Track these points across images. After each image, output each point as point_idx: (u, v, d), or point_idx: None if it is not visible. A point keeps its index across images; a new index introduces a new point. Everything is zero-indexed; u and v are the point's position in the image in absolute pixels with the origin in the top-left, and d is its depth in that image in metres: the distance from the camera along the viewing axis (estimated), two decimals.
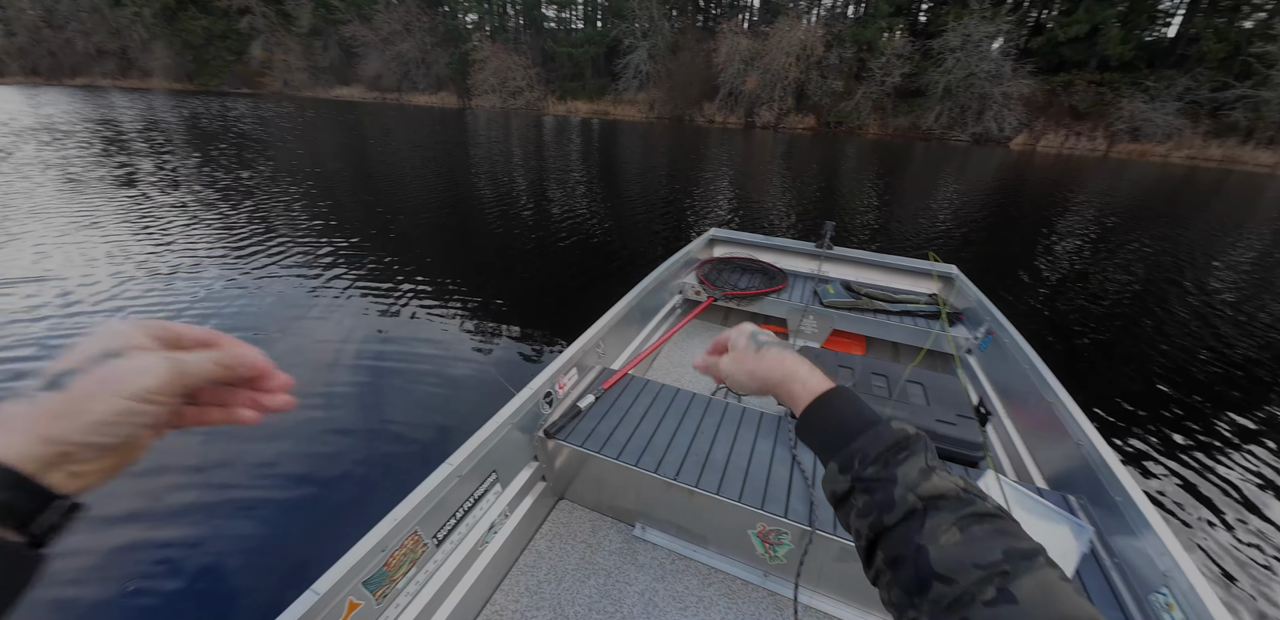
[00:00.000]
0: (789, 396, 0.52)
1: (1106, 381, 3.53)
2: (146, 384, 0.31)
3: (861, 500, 0.42)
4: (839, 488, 0.45)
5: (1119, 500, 1.31)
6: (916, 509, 0.39)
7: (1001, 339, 2.20)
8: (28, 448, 0.28)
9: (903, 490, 0.40)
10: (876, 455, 0.43)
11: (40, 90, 32.45)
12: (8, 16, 42.61)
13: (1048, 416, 1.71)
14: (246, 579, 1.90)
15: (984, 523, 0.38)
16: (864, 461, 0.43)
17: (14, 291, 4.16)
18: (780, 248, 3.35)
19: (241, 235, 5.81)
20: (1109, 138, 22.34)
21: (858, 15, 27.45)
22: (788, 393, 0.52)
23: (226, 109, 23.21)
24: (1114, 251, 6.85)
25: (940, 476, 0.41)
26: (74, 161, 9.66)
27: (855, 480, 0.43)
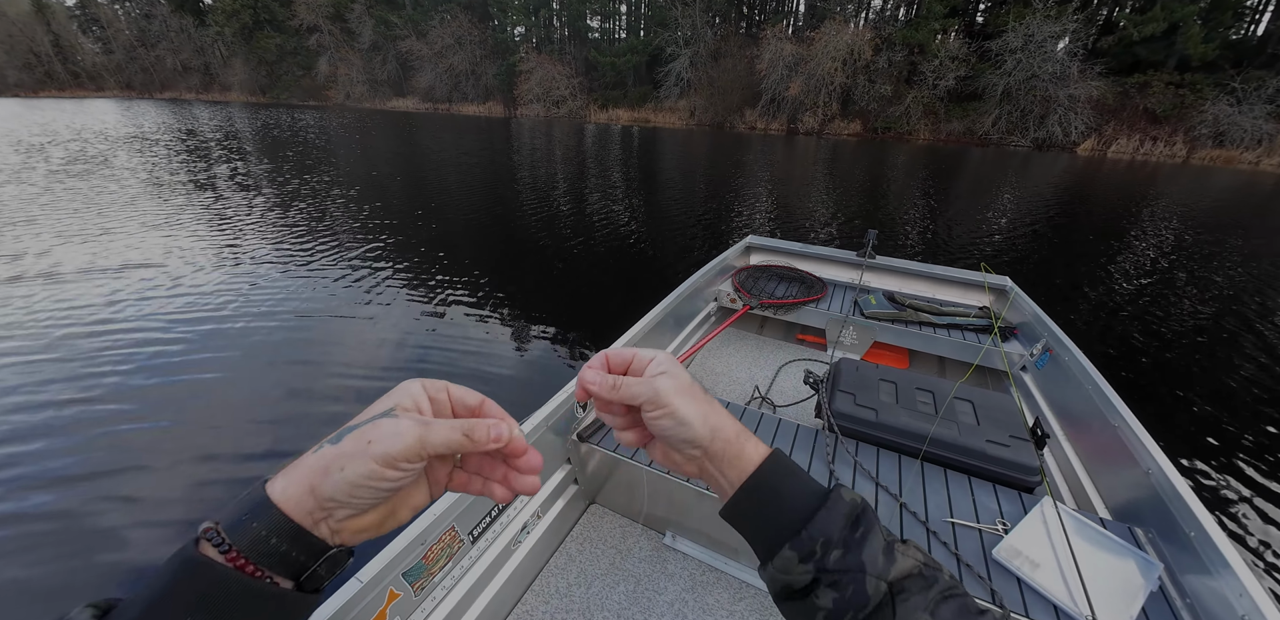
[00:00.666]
0: (734, 457, 0.41)
1: (1177, 407, 3.25)
2: (391, 449, 0.31)
3: (829, 598, 0.36)
4: (797, 581, 0.38)
5: (1192, 535, 1.21)
6: (885, 599, 0.36)
7: (1061, 356, 2.06)
8: (298, 497, 0.30)
9: (874, 581, 0.36)
10: (838, 537, 0.37)
11: (134, 103, 35.80)
12: (108, 36, 47.44)
13: (1112, 441, 1.59)
14: None
15: (949, 601, 0.36)
16: (827, 546, 0.37)
17: (107, 277, 4.60)
18: (819, 256, 3.27)
19: (302, 234, 6.21)
20: (1189, 143, 20.69)
21: (908, 17, 26.64)
22: (736, 452, 0.41)
23: (295, 120, 24.91)
24: (1192, 267, 6.31)
25: (901, 553, 0.38)
26: (161, 166, 10.60)
27: (820, 571, 0.37)
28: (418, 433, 0.32)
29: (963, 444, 1.57)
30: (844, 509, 0.38)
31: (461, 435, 0.34)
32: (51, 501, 2.28)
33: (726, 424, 0.41)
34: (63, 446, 2.62)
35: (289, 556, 0.30)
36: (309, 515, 0.30)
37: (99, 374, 3.23)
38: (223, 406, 2.96)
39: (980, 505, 1.45)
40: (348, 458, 0.30)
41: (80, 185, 8.67)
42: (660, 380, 0.41)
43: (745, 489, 0.41)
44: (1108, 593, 1.20)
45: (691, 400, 0.41)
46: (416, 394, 0.35)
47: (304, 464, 0.31)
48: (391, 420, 0.32)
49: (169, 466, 2.49)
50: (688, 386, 0.41)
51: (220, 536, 0.29)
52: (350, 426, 0.32)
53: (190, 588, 0.28)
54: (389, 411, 0.33)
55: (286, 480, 0.31)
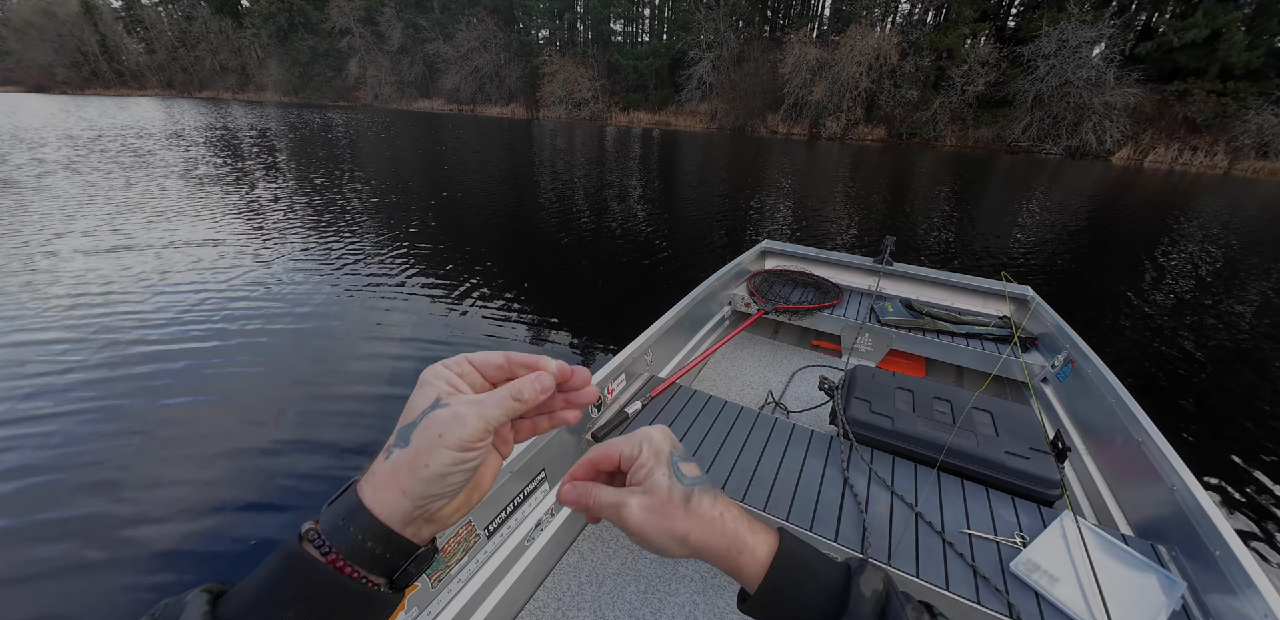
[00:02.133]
0: (733, 571, 0.39)
1: (1203, 423, 3.14)
2: (462, 435, 0.32)
3: None
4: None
5: (1218, 554, 1.18)
6: None
7: (1083, 368, 2.02)
8: (392, 502, 0.32)
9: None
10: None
11: (174, 102, 37.19)
12: (151, 37, 49.43)
13: (1136, 456, 1.55)
14: None
15: None
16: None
17: (146, 260, 4.79)
18: (835, 262, 3.25)
19: (326, 227, 6.37)
20: (1231, 153, 19.95)
21: (937, 21, 26.25)
22: (732, 568, 0.39)
23: (326, 119, 25.59)
24: (1229, 283, 6.08)
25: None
26: (201, 162, 10.99)
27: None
28: (476, 411, 0.33)
29: (981, 455, 1.55)
30: (866, 609, 0.36)
31: (513, 401, 0.35)
32: (92, 485, 2.39)
33: (713, 541, 0.38)
34: (90, 430, 2.73)
35: (383, 558, 0.32)
36: (405, 516, 0.32)
37: (124, 354, 3.37)
38: (247, 395, 3.06)
39: (998, 517, 1.43)
40: (426, 454, 0.32)
41: (119, 177, 9.05)
42: (630, 506, 0.37)
43: (755, 601, 0.38)
44: (1128, 610, 1.18)
45: (665, 521, 0.37)
46: (447, 377, 0.36)
47: (383, 472, 0.32)
48: (445, 409, 0.33)
49: (187, 455, 2.58)
50: (661, 505, 0.37)
51: (321, 538, 0.31)
52: (405, 427, 0.33)
53: (293, 582, 0.30)
54: (436, 403, 0.34)
55: (374, 490, 0.32)
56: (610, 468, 0.42)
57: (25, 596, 1.85)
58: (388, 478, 0.32)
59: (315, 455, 2.57)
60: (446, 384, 0.35)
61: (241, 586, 0.30)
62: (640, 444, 0.40)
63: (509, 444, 0.41)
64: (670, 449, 0.40)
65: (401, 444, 0.33)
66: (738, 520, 0.39)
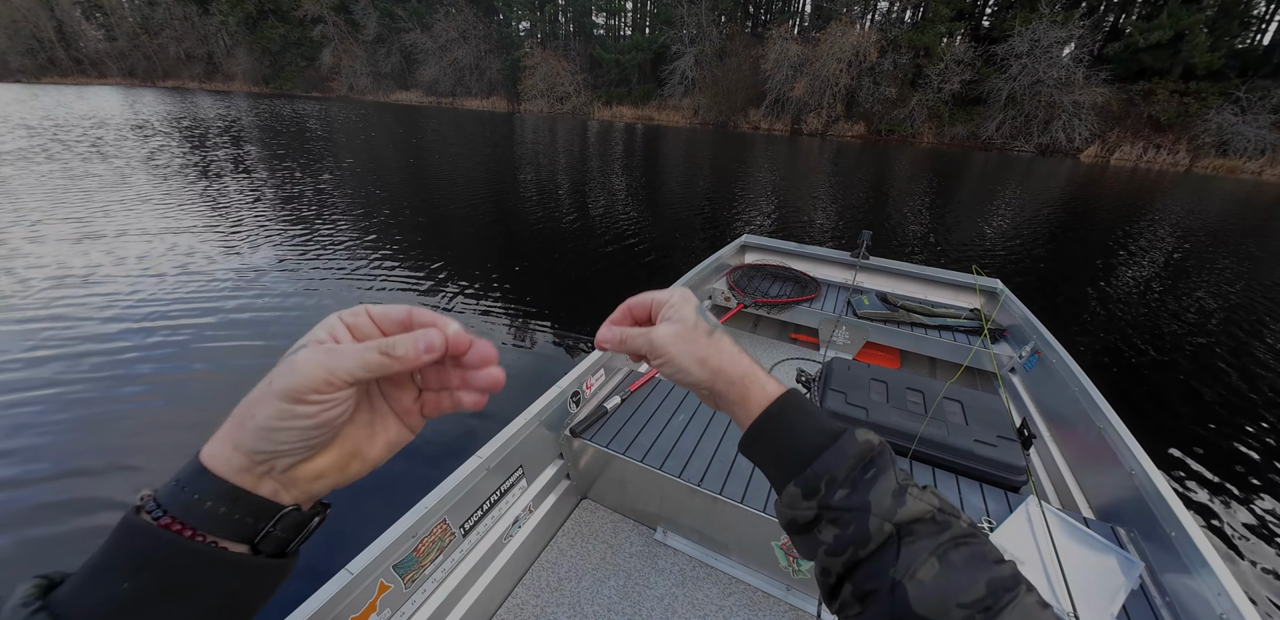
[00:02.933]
0: (740, 399, 0.42)
1: (1161, 410, 3.28)
2: (292, 383, 0.28)
3: (831, 534, 0.37)
4: (801, 516, 0.38)
5: (1173, 535, 1.23)
6: (890, 538, 0.35)
7: (1049, 359, 2.08)
8: (225, 455, 0.29)
9: (878, 521, 0.35)
10: (845, 476, 0.37)
11: (136, 91, 35.67)
12: (110, 22, 47.20)
13: (1097, 442, 1.61)
14: None
15: (961, 547, 0.34)
16: (832, 484, 0.37)
17: (99, 264, 4.60)
18: (814, 256, 3.29)
19: (299, 224, 6.20)
20: (1192, 151, 20.69)
21: (915, 20, 26.59)
22: (741, 394, 0.42)
23: (300, 111, 24.82)
24: (1185, 276, 6.33)
25: (914, 496, 0.36)
26: (164, 154, 10.57)
27: (822, 508, 0.37)
28: (319, 360, 0.29)
29: (951, 443, 1.59)
30: (854, 449, 0.38)
31: (380, 356, 0.30)
32: (53, 489, 2.29)
33: (729, 366, 0.42)
34: (53, 437, 2.62)
35: (230, 518, 0.29)
36: (245, 473, 0.29)
37: (72, 357, 3.24)
38: (210, 399, 2.97)
39: (967, 503, 1.47)
40: (255, 403, 0.29)
41: (77, 168, 8.66)
42: (658, 331, 0.42)
43: (755, 426, 0.41)
44: (1089, 590, 1.22)
45: (689, 345, 0.42)
46: (333, 325, 0.32)
47: (227, 422, 0.29)
48: (298, 353, 0.30)
49: (156, 452, 2.50)
50: (688, 332, 0.42)
51: (154, 503, 0.28)
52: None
53: (126, 551, 0.27)
54: (297, 349, 0.30)
55: (214, 440, 0.29)
56: (644, 314, 0.46)
57: None
58: (225, 431, 0.29)
59: None
60: (325, 332, 0.31)
61: (80, 568, 0.27)
62: (672, 292, 0.45)
63: (415, 415, 0.36)
64: (698, 303, 0.44)
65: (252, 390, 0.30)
66: (753, 361, 0.43)
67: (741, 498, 1.40)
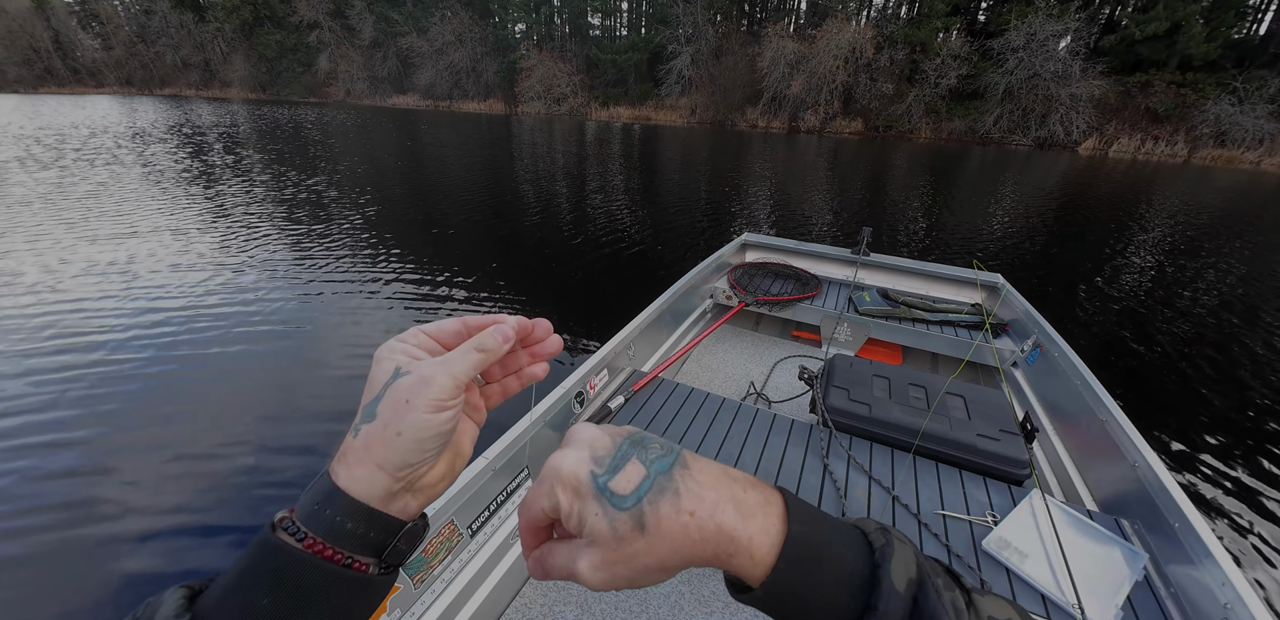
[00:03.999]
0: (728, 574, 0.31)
1: (1164, 402, 3.28)
2: (432, 395, 0.31)
3: None
4: None
5: (1177, 526, 1.23)
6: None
7: (1051, 352, 2.09)
8: (368, 477, 0.31)
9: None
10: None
11: (134, 100, 35.74)
12: (107, 32, 47.33)
13: (1100, 435, 1.61)
14: None
15: None
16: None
17: (96, 273, 4.62)
18: (814, 253, 3.30)
19: (298, 229, 6.21)
20: (1190, 142, 20.66)
21: (910, 15, 26.57)
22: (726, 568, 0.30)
23: (296, 116, 24.87)
24: (1190, 267, 6.32)
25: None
26: (159, 163, 10.61)
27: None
28: (443, 369, 0.32)
29: (954, 438, 1.60)
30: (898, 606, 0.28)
31: (478, 353, 0.34)
32: (54, 491, 2.31)
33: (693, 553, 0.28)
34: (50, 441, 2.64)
35: (367, 537, 0.31)
36: (386, 491, 0.31)
37: (79, 367, 3.26)
38: (213, 401, 2.98)
39: (970, 498, 1.47)
40: (397, 422, 0.31)
41: (76, 176, 8.69)
42: (582, 573, 0.29)
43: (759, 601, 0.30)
44: (1094, 583, 1.22)
45: (629, 564, 0.28)
46: (403, 349, 0.35)
47: (355, 449, 0.31)
48: (407, 376, 0.32)
49: (151, 461, 2.51)
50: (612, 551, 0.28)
51: (295, 525, 0.30)
52: (368, 403, 0.32)
53: (267, 568, 0.29)
54: (396, 373, 0.33)
55: (347, 468, 0.31)
56: (546, 525, 0.32)
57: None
58: (361, 454, 0.31)
59: (285, 458, 2.52)
60: (404, 356, 0.34)
61: (218, 579, 0.29)
62: (553, 488, 0.29)
63: (481, 412, 0.40)
64: (589, 470, 0.29)
65: (368, 419, 0.31)
66: (717, 510, 0.29)
67: None
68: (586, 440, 0.31)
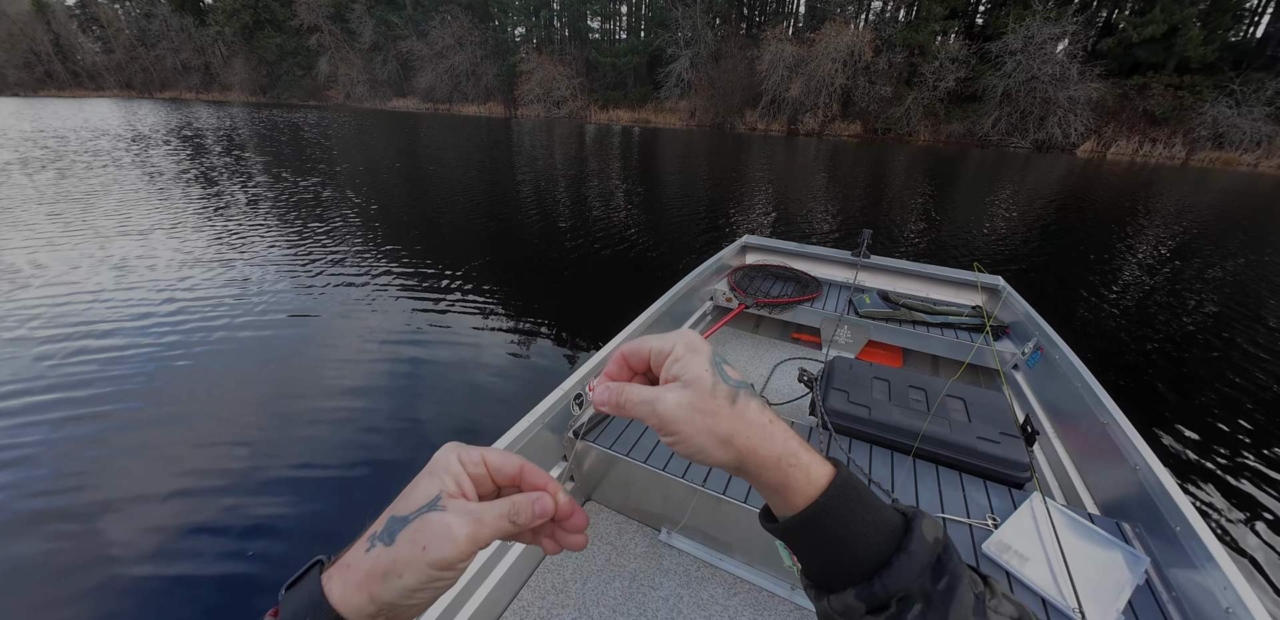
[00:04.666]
0: (776, 485, 0.34)
1: (1164, 405, 3.28)
2: (446, 555, 0.30)
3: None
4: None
5: (1178, 530, 1.23)
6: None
7: (1052, 355, 2.08)
8: (358, 605, 0.30)
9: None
10: (918, 589, 0.31)
11: (134, 103, 35.81)
12: (107, 35, 47.44)
13: (1101, 438, 1.61)
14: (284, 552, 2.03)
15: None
16: (905, 603, 0.31)
17: (97, 272, 4.62)
18: (814, 255, 3.30)
19: (297, 230, 6.21)
20: (1188, 145, 20.72)
21: (909, 18, 26.69)
22: (777, 480, 0.34)
23: (295, 120, 24.90)
24: (1191, 269, 6.33)
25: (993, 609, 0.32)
26: (159, 166, 10.62)
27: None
28: (469, 532, 0.31)
29: (954, 441, 1.59)
30: (925, 553, 0.31)
31: (509, 524, 0.33)
32: (53, 494, 2.30)
33: (762, 445, 0.33)
34: (46, 450, 2.63)
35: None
36: (370, 617, 0.31)
37: (79, 366, 3.25)
38: (210, 402, 2.97)
39: (971, 501, 1.47)
40: (404, 565, 0.30)
41: (77, 178, 8.69)
42: (666, 399, 0.33)
43: (799, 520, 0.33)
44: (1095, 586, 1.22)
45: (708, 419, 0.33)
46: (456, 474, 0.34)
47: (360, 567, 0.31)
48: (440, 515, 0.31)
49: (142, 459, 2.50)
50: (705, 400, 0.33)
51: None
52: (398, 518, 0.32)
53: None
54: (435, 502, 0.32)
55: (344, 586, 0.31)
56: (642, 366, 0.37)
57: None
58: (361, 579, 0.31)
59: (290, 465, 2.51)
60: (454, 483, 0.33)
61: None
62: (674, 340, 0.35)
63: None
64: (712, 353, 0.35)
65: (386, 540, 0.31)
66: (789, 432, 0.34)
67: (745, 498, 1.41)
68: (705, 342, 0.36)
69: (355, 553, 0.31)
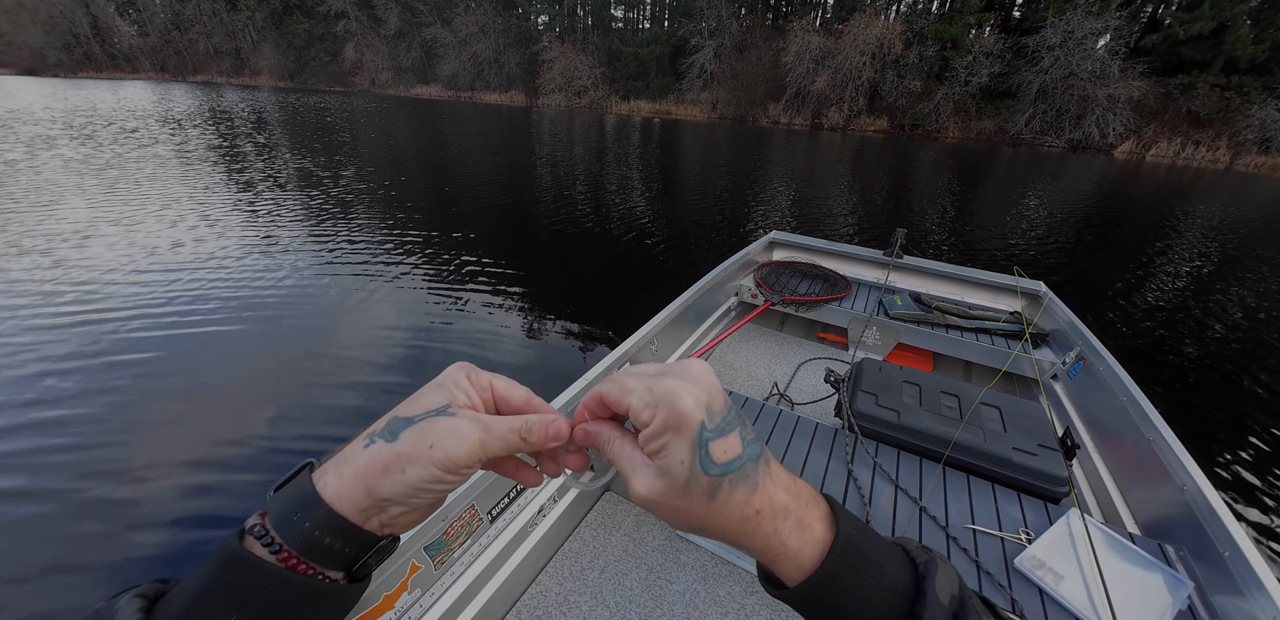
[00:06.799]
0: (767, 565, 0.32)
1: (1215, 424, 3.15)
2: (454, 454, 0.30)
3: None
4: None
5: (1227, 555, 1.17)
6: None
7: (1095, 365, 2.00)
8: (354, 498, 0.30)
9: None
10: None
11: (168, 85, 36.55)
12: (143, 19, 48.43)
13: (1146, 455, 1.54)
14: None
15: None
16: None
17: (123, 251, 4.74)
18: (844, 254, 3.22)
19: (321, 215, 6.29)
20: (1234, 148, 19.87)
21: (942, 11, 25.89)
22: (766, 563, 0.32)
23: (321, 104, 25.20)
24: (1241, 280, 6.05)
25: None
26: (195, 145, 10.84)
27: None
28: (479, 437, 0.31)
29: (988, 450, 1.54)
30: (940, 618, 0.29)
31: (519, 439, 0.33)
32: (74, 462, 2.37)
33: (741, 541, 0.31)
34: (80, 416, 2.71)
35: (341, 552, 0.30)
36: (363, 512, 0.30)
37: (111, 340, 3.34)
38: (233, 379, 3.03)
39: (1004, 513, 1.42)
40: (407, 460, 0.29)
41: (110, 157, 8.91)
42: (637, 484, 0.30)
43: (790, 596, 0.32)
44: (1134, 609, 1.17)
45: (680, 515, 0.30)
46: (467, 388, 0.33)
47: (357, 460, 0.30)
48: (449, 419, 0.31)
49: (172, 433, 2.57)
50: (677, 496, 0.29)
51: (270, 536, 0.29)
52: (401, 418, 0.31)
53: (236, 583, 0.27)
54: (444, 408, 0.31)
55: (339, 478, 0.30)
56: (620, 411, 0.32)
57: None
58: (359, 470, 0.30)
59: (306, 437, 2.55)
60: (464, 395, 0.33)
61: (179, 589, 0.28)
62: (657, 406, 0.29)
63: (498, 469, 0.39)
64: (702, 419, 0.29)
65: (388, 437, 0.30)
66: (782, 516, 0.30)
67: None
68: (708, 387, 0.30)
69: (353, 448, 0.31)
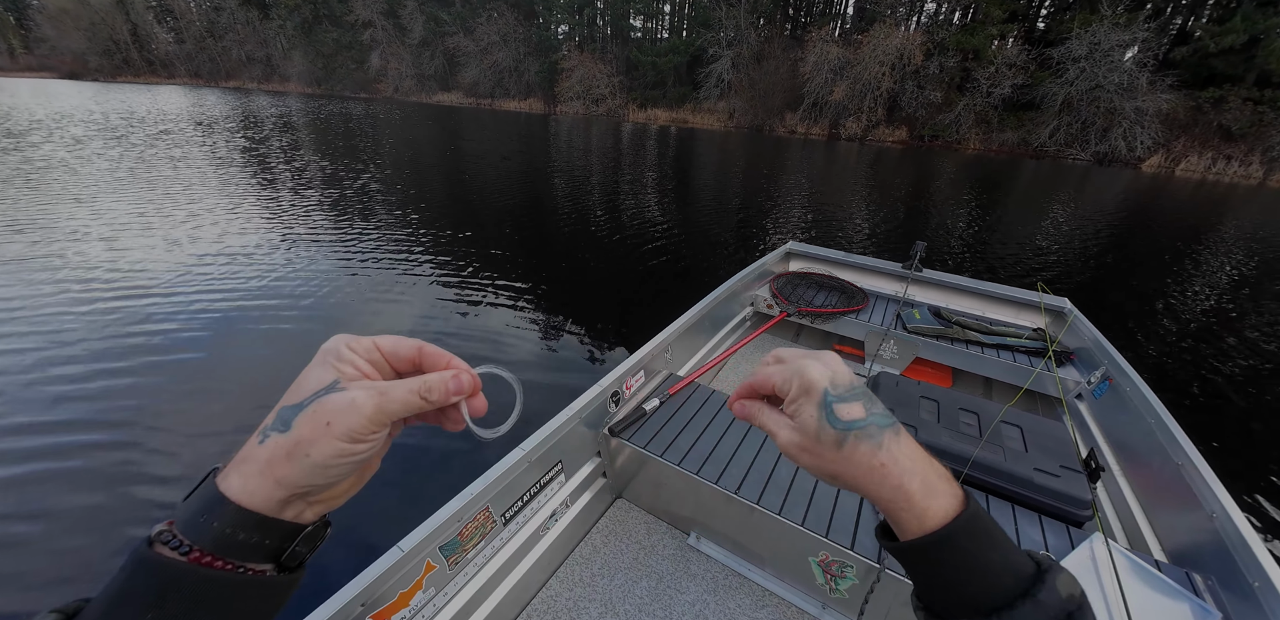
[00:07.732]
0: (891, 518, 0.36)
1: (1248, 449, 3.03)
2: (354, 426, 0.30)
3: None
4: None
5: (1257, 586, 1.14)
6: None
7: (1122, 386, 1.95)
8: (265, 492, 0.29)
9: None
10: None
11: (202, 91, 37.80)
12: (180, 26, 50.33)
13: (1174, 479, 1.50)
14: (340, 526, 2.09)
15: None
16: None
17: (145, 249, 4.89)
18: (862, 266, 3.20)
19: (341, 214, 6.43)
20: (1267, 164, 19.29)
21: (964, 21, 25.72)
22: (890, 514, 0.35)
23: (347, 110, 25.83)
24: (1275, 300, 5.86)
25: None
26: (225, 147, 11.18)
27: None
28: (375, 403, 0.31)
29: (1008, 470, 1.51)
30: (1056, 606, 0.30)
31: (419, 398, 0.33)
32: (94, 442, 2.44)
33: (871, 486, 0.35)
34: (90, 405, 2.79)
35: (262, 545, 0.30)
36: (280, 503, 0.30)
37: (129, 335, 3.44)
38: (237, 381, 3.09)
39: (1024, 535, 1.39)
40: (309, 443, 0.29)
41: (142, 157, 9.22)
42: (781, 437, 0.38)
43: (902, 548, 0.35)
44: None
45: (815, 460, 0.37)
46: (351, 359, 0.33)
47: (256, 457, 0.30)
48: (339, 394, 0.30)
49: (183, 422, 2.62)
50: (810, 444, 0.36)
51: (178, 538, 0.28)
52: (289, 406, 0.30)
53: (146, 585, 0.27)
54: (333, 385, 0.31)
55: (242, 477, 0.29)
56: (767, 391, 0.40)
57: None
58: (261, 466, 0.29)
59: None
60: (351, 368, 0.32)
61: (94, 601, 0.27)
62: (792, 378, 0.37)
63: (399, 426, 0.37)
64: (826, 386, 0.36)
65: (280, 428, 0.30)
66: (909, 474, 0.34)
67: (779, 509, 1.37)
68: (834, 366, 0.38)
69: (249, 447, 0.30)
